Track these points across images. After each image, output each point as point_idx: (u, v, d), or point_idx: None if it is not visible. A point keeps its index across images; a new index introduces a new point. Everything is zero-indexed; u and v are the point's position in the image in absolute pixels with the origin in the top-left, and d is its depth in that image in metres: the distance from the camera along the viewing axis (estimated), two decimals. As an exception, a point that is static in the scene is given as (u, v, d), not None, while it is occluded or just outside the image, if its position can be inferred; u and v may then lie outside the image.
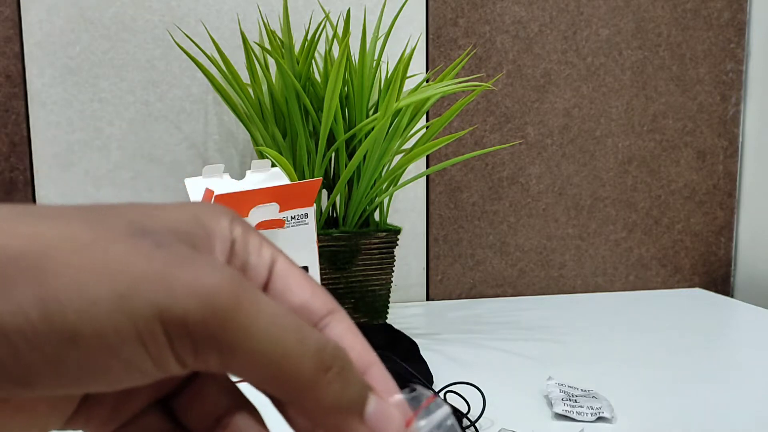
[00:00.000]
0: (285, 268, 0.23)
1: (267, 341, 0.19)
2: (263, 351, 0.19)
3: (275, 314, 0.19)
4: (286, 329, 0.19)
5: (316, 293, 0.23)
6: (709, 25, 1.00)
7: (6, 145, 0.86)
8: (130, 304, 0.17)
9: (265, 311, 0.19)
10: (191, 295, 0.18)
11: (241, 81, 0.78)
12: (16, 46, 0.85)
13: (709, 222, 1.04)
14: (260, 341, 0.19)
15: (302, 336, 0.19)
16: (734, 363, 0.70)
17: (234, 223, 0.22)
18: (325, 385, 0.20)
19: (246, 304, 0.19)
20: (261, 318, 0.19)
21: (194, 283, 0.18)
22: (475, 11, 0.94)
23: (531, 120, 0.97)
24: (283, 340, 0.19)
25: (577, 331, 0.82)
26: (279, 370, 0.19)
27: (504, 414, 0.57)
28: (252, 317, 0.19)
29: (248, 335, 0.18)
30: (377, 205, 0.79)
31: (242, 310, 0.18)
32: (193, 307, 0.18)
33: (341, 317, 0.23)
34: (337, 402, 0.20)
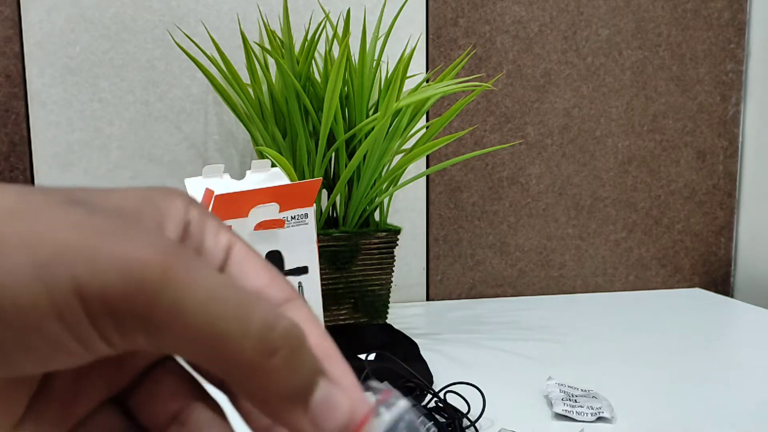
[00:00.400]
0: (242, 254, 0.21)
1: (202, 318, 0.17)
2: (197, 329, 0.17)
3: (214, 287, 0.17)
4: (225, 304, 0.17)
5: (274, 280, 0.21)
6: (709, 25, 1.00)
7: (6, 145, 0.86)
8: (48, 276, 0.16)
9: (203, 283, 0.17)
10: (113, 268, 0.16)
11: (241, 81, 0.78)
12: (16, 46, 0.85)
13: (709, 222, 1.04)
14: (194, 318, 0.17)
15: (245, 312, 0.17)
16: (734, 363, 0.70)
17: (190, 206, 0.21)
18: (271, 371, 0.18)
19: (179, 276, 0.17)
20: (196, 291, 0.17)
21: (119, 255, 0.16)
22: (475, 11, 0.94)
23: (531, 120, 0.97)
24: (221, 317, 0.17)
25: (577, 331, 0.82)
26: (216, 352, 0.17)
27: (504, 414, 0.57)
28: (185, 291, 0.17)
29: (179, 312, 0.17)
30: (377, 205, 0.79)
31: (173, 284, 0.17)
32: (112, 281, 0.16)
33: (299, 304, 0.21)
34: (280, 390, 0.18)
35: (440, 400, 0.54)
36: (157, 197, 0.20)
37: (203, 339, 0.17)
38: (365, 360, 0.65)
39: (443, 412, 0.53)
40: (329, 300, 0.77)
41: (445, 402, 0.54)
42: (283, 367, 0.18)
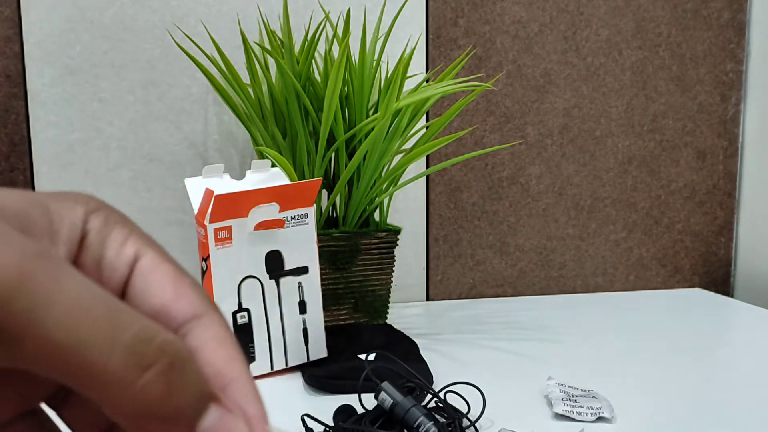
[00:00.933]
0: (149, 265, 0.19)
1: (63, 327, 0.15)
2: (57, 340, 0.15)
3: (80, 294, 0.15)
4: (91, 312, 0.15)
5: (182, 294, 0.19)
6: (709, 25, 1.00)
7: (6, 145, 0.86)
8: None
9: (67, 290, 0.15)
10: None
11: (241, 81, 0.78)
12: (16, 46, 0.85)
13: (709, 222, 1.04)
14: (52, 328, 0.15)
15: (115, 322, 0.15)
16: (734, 363, 0.70)
17: (93, 215, 0.19)
18: (141, 385, 0.16)
19: (38, 280, 0.15)
20: (58, 299, 0.15)
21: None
22: (475, 11, 0.94)
23: (531, 120, 0.97)
24: (86, 325, 0.15)
25: (577, 331, 0.82)
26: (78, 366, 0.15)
27: (504, 414, 0.57)
28: (44, 297, 0.15)
29: (35, 320, 0.15)
30: (377, 205, 0.79)
31: (29, 289, 0.15)
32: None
33: (209, 322, 0.19)
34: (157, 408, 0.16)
35: (440, 400, 0.54)
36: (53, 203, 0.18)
37: (62, 351, 0.15)
38: (365, 360, 0.65)
39: (443, 412, 0.53)
40: (329, 300, 0.77)
41: (445, 402, 0.54)
42: (160, 383, 0.16)
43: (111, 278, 0.19)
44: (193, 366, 0.17)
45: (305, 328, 0.67)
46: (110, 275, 0.19)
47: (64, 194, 0.19)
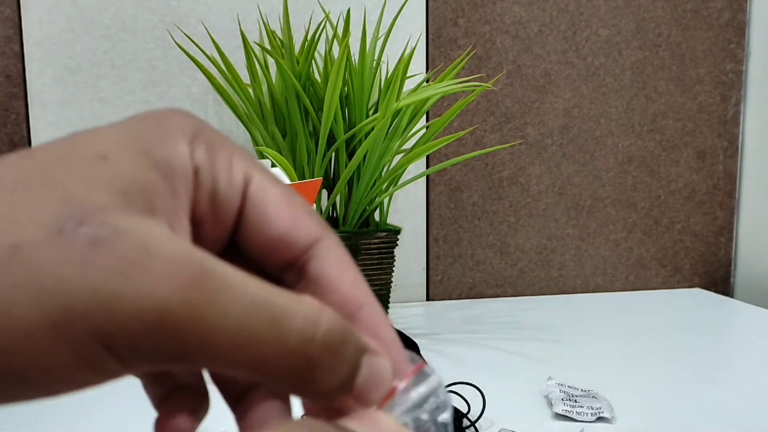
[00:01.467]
0: (260, 191, 0.19)
1: (235, 345, 0.16)
2: (232, 354, 0.16)
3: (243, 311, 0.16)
4: (258, 327, 0.16)
5: (298, 219, 0.19)
6: (709, 25, 1.00)
7: (6, 145, 0.86)
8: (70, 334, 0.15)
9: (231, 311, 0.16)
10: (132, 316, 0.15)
11: (241, 81, 0.78)
12: (16, 46, 0.85)
13: (709, 222, 1.04)
14: (227, 346, 0.16)
15: (279, 332, 0.16)
16: (734, 363, 0.70)
17: (195, 143, 0.19)
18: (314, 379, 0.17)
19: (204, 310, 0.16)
20: (225, 321, 0.16)
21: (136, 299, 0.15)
22: (475, 11, 0.94)
23: (531, 120, 0.97)
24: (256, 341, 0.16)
25: (577, 331, 0.81)
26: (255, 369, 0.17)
27: (504, 414, 0.57)
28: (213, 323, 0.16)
29: (211, 342, 0.16)
30: (377, 205, 0.79)
31: (199, 320, 0.16)
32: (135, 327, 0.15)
33: (328, 246, 0.20)
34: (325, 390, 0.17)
35: (440, 400, 0.54)
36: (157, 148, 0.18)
37: (239, 362, 0.16)
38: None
39: (443, 412, 0.53)
40: (329, 300, 0.77)
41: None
42: (327, 373, 0.17)
43: (227, 211, 0.19)
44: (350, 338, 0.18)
45: (305, 328, 0.67)
46: (226, 208, 0.19)
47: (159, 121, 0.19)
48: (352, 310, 0.20)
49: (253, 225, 0.19)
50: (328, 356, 0.17)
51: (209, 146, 0.19)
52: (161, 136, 0.19)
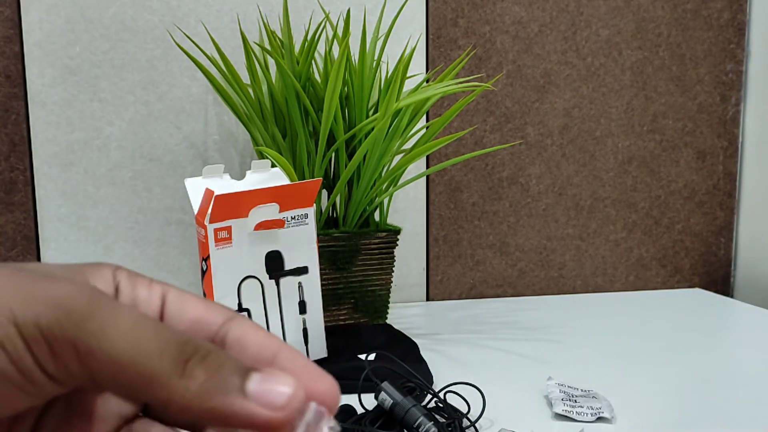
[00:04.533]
0: (177, 295, 0.23)
1: (125, 342, 0.19)
2: (122, 351, 0.19)
3: (136, 319, 0.20)
4: (145, 329, 0.20)
5: (211, 307, 0.23)
6: (709, 25, 1.00)
7: (6, 145, 0.86)
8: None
9: (123, 315, 0.20)
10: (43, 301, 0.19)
11: (241, 81, 0.78)
12: (16, 46, 0.85)
13: (709, 222, 1.04)
14: (118, 341, 0.19)
15: (162, 336, 0.20)
16: (734, 363, 0.70)
17: (118, 272, 0.23)
18: (187, 373, 0.19)
19: (101, 307, 0.19)
20: (118, 320, 0.19)
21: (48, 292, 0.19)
22: (475, 11, 0.94)
23: (531, 120, 0.97)
24: (142, 339, 0.19)
25: (577, 331, 0.82)
26: (139, 370, 0.19)
27: (504, 414, 0.57)
28: (108, 319, 0.19)
29: (105, 336, 0.19)
30: (377, 205, 0.79)
31: (97, 313, 0.19)
32: (44, 310, 0.19)
33: (240, 321, 0.23)
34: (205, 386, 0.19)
35: (440, 400, 0.54)
36: (85, 269, 0.23)
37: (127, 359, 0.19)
38: (365, 360, 0.65)
39: (443, 412, 0.53)
40: (329, 300, 0.77)
41: (445, 402, 0.54)
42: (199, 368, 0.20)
43: (148, 309, 0.23)
44: (222, 352, 0.20)
45: (305, 328, 0.67)
46: (146, 309, 0.23)
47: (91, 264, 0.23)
48: (270, 355, 0.22)
49: (175, 315, 0.23)
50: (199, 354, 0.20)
51: (130, 275, 0.24)
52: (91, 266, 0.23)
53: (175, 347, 0.20)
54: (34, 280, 0.20)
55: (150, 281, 0.24)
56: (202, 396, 0.19)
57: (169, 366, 0.19)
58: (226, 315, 0.23)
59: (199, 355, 0.20)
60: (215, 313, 0.23)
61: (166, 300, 0.23)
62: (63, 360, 0.19)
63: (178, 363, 0.19)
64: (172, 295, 0.24)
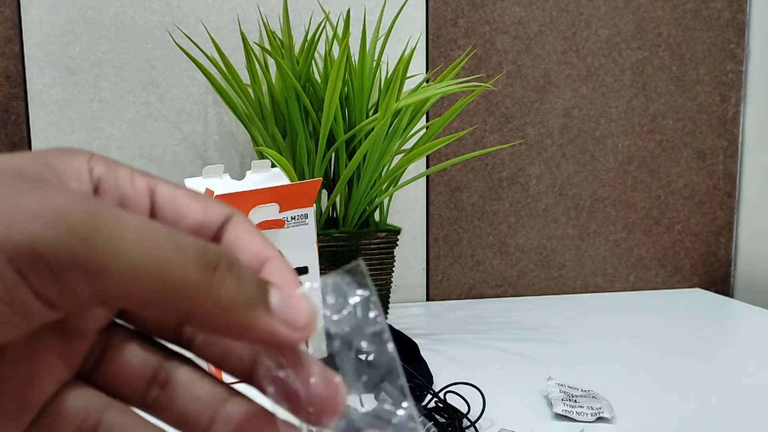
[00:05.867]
0: (168, 192, 0.21)
1: (141, 253, 0.17)
2: (140, 264, 0.17)
3: (142, 225, 0.17)
4: (158, 238, 0.17)
5: (209, 206, 0.21)
6: (709, 26, 1.00)
7: (6, 145, 0.86)
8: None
9: (130, 223, 0.17)
10: (36, 220, 0.16)
11: (241, 81, 0.78)
12: (16, 46, 0.85)
13: (709, 222, 1.04)
14: (134, 254, 0.17)
15: (178, 241, 0.17)
16: (734, 363, 0.70)
17: (93, 161, 0.20)
18: (217, 283, 0.18)
19: (106, 218, 0.17)
20: (128, 230, 0.17)
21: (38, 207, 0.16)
22: (475, 11, 0.94)
23: (531, 120, 0.97)
24: (159, 248, 0.17)
25: (577, 331, 0.82)
26: (163, 282, 0.17)
27: (504, 414, 0.57)
28: (117, 230, 0.17)
29: (119, 250, 0.16)
30: (377, 206, 0.79)
31: (104, 225, 0.16)
32: (41, 230, 0.16)
33: (238, 221, 0.21)
34: (235, 298, 0.18)
35: (440, 401, 0.54)
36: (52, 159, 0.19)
37: (147, 272, 0.17)
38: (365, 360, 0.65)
39: (443, 413, 0.53)
40: (329, 300, 0.77)
41: (445, 402, 0.54)
42: (227, 276, 0.18)
43: (137, 210, 0.21)
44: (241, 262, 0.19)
45: (305, 328, 0.67)
46: (135, 207, 0.20)
47: (58, 150, 0.20)
48: (260, 263, 0.21)
49: (172, 219, 0.21)
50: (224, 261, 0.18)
51: (108, 164, 0.21)
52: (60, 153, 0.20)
53: (194, 254, 0.17)
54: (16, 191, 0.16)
55: (131, 172, 0.21)
56: (231, 309, 0.18)
57: (197, 275, 0.17)
58: (224, 214, 0.21)
59: (224, 262, 0.18)
60: (214, 213, 0.21)
61: (155, 197, 0.21)
62: (69, 285, 0.16)
63: (206, 271, 0.17)
64: (162, 191, 0.21)
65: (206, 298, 0.18)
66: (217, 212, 0.21)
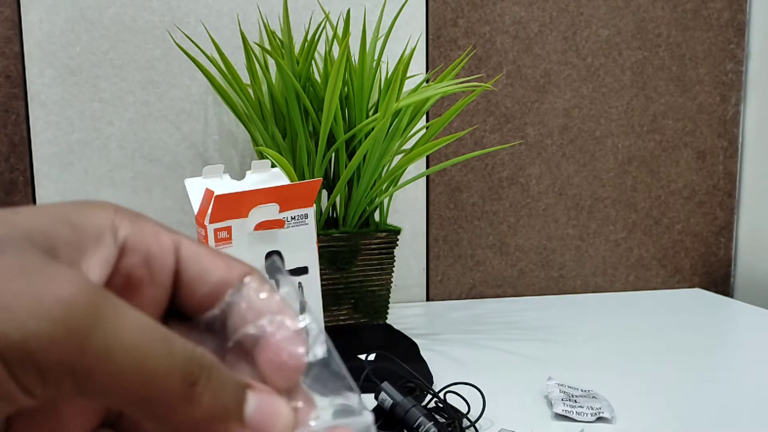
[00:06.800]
0: (193, 249, 0.21)
1: (131, 359, 0.16)
2: (126, 371, 0.16)
3: (141, 327, 0.17)
4: (153, 342, 0.17)
5: (231, 265, 0.21)
6: (709, 26, 1.00)
7: (6, 145, 0.86)
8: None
9: (131, 325, 0.17)
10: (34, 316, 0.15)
11: (241, 81, 0.78)
12: (16, 46, 0.85)
13: (709, 222, 1.04)
14: (123, 360, 0.16)
15: (170, 348, 0.17)
16: (734, 363, 0.70)
17: (118, 218, 0.20)
18: (196, 398, 0.18)
19: (107, 316, 0.16)
20: (125, 332, 0.16)
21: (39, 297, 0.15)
22: (475, 11, 0.94)
23: (531, 120, 0.97)
24: (151, 356, 0.17)
25: (577, 331, 0.82)
26: (145, 391, 0.17)
27: (504, 414, 0.57)
28: (115, 332, 0.16)
29: (109, 355, 0.16)
30: (377, 206, 0.79)
31: (104, 324, 0.16)
32: (36, 329, 0.15)
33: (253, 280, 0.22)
34: (210, 413, 0.18)
35: (440, 401, 0.54)
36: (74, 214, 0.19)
37: (132, 379, 0.17)
38: (365, 360, 0.65)
39: (443, 413, 0.53)
40: (329, 300, 0.77)
41: (445, 402, 0.54)
42: (206, 390, 0.18)
43: (162, 271, 0.21)
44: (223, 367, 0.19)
45: (305, 328, 0.67)
46: (161, 269, 0.21)
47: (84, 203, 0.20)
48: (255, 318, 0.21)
49: (194, 277, 0.21)
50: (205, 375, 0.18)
51: (132, 219, 0.21)
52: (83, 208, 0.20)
53: (181, 363, 0.17)
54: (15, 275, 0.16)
55: (157, 229, 0.21)
56: (203, 422, 0.18)
57: (177, 388, 0.17)
58: (243, 272, 0.21)
59: (205, 376, 0.18)
60: (235, 271, 0.21)
61: (180, 254, 0.21)
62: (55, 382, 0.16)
63: (185, 386, 0.17)
64: (187, 249, 0.21)
65: (182, 410, 0.18)
66: (238, 269, 0.21)
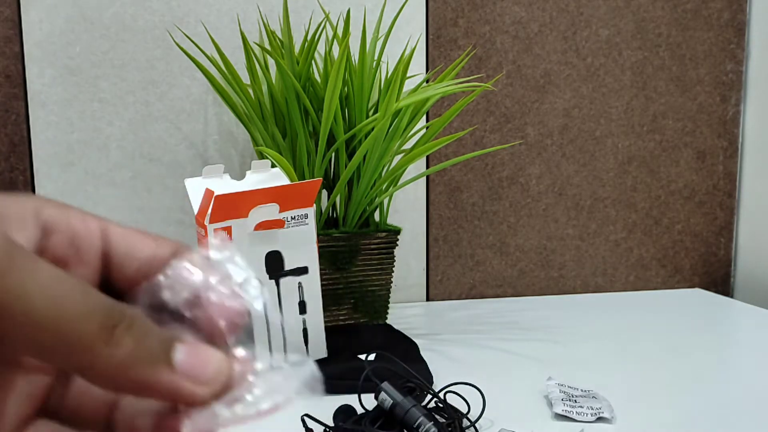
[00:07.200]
0: (121, 231, 0.22)
1: (47, 301, 0.17)
2: (43, 312, 0.17)
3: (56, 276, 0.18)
4: (69, 289, 0.18)
5: (160, 242, 0.22)
6: (709, 26, 1.00)
7: (6, 145, 0.86)
8: None
9: (44, 271, 0.18)
10: None
11: (241, 81, 0.78)
12: (16, 46, 0.85)
13: (709, 222, 1.04)
14: (39, 300, 0.17)
15: (87, 298, 0.18)
16: (734, 363, 0.70)
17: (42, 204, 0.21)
18: (115, 341, 0.18)
19: (22, 262, 0.17)
20: (39, 277, 0.17)
21: None
22: (475, 11, 0.94)
23: (531, 120, 0.97)
24: (67, 299, 0.18)
25: (577, 331, 0.82)
26: (61, 332, 0.18)
27: (504, 414, 0.57)
28: (29, 274, 0.17)
29: (26, 293, 0.17)
30: (377, 206, 0.79)
31: (15, 268, 0.17)
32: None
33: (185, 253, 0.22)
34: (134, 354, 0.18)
35: (440, 401, 0.54)
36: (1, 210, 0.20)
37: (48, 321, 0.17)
38: (365, 360, 0.65)
39: (443, 413, 0.53)
40: (329, 300, 0.77)
41: (445, 402, 0.54)
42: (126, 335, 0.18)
43: (90, 250, 0.22)
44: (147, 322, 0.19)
45: (305, 328, 0.67)
46: (89, 248, 0.22)
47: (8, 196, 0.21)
48: None
49: (125, 256, 0.22)
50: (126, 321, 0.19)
51: (59, 207, 0.22)
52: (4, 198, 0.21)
53: (101, 311, 0.18)
54: None
55: (84, 215, 0.22)
56: (128, 365, 0.18)
57: (96, 330, 0.18)
58: (173, 248, 0.22)
59: (126, 322, 0.19)
60: (164, 248, 0.22)
61: (108, 235, 0.22)
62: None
63: (105, 328, 0.18)
64: (115, 230, 0.22)
65: (101, 353, 0.18)
66: (167, 245, 0.22)
